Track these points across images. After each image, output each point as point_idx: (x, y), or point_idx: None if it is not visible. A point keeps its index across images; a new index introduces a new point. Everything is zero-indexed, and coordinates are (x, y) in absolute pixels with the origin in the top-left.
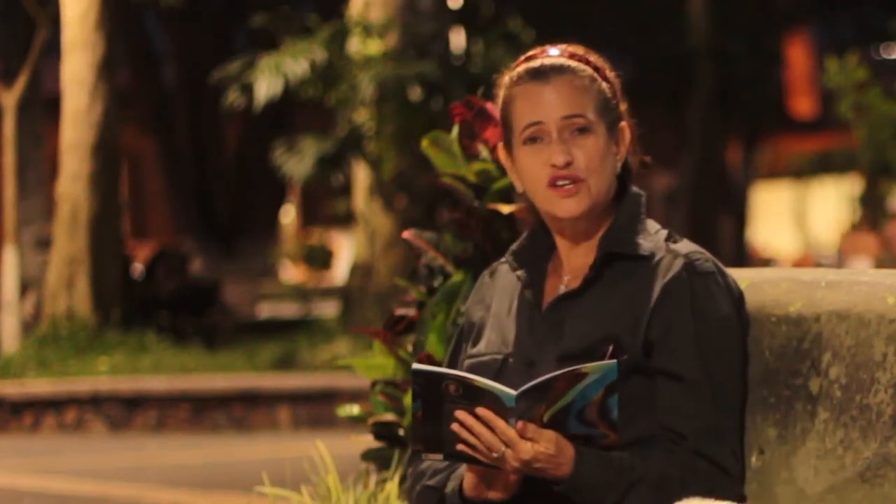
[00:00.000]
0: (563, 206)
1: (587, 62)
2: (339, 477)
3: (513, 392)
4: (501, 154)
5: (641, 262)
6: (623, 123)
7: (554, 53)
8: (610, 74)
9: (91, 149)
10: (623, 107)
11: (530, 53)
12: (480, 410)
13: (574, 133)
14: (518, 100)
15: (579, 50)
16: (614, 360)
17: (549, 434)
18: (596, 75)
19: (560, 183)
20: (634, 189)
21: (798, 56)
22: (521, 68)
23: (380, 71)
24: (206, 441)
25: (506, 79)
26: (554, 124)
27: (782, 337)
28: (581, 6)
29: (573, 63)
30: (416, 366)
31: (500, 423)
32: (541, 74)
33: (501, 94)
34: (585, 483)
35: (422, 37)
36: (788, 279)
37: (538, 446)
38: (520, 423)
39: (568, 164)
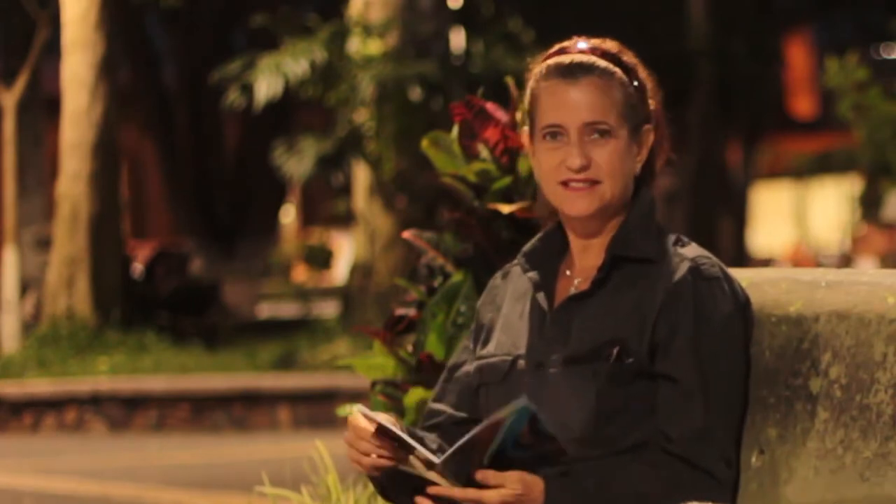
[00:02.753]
0: (574, 205)
1: (618, 62)
2: (339, 477)
3: (436, 459)
4: (525, 139)
5: (649, 266)
6: (647, 126)
7: (584, 48)
8: (642, 74)
9: (91, 149)
10: (653, 105)
11: (563, 45)
12: (431, 489)
13: (594, 136)
14: (543, 96)
15: (613, 47)
16: (523, 397)
17: (513, 475)
18: (625, 77)
19: (573, 184)
20: (647, 191)
21: (798, 56)
22: (552, 62)
23: (380, 71)
24: (206, 441)
25: (535, 70)
26: (575, 128)
27: (782, 337)
28: (581, 6)
29: (602, 63)
30: (381, 423)
31: (457, 491)
32: (568, 73)
33: (529, 85)
34: None
35: (422, 37)
36: (788, 279)
37: (504, 490)
38: (479, 474)
39: (584, 168)
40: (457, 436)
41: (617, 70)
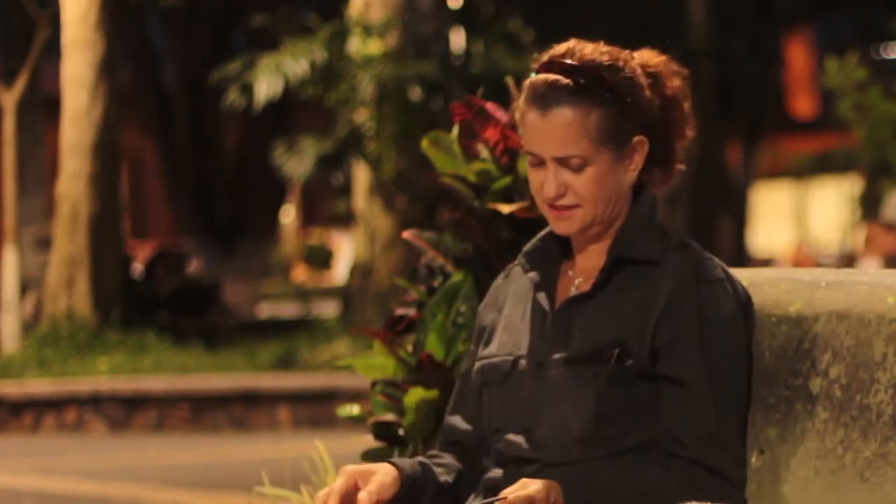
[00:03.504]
0: (557, 226)
1: (601, 81)
2: None
3: None
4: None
5: (650, 267)
6: (638, 138)
7: (566, 67)
8: (639, 80)
9: (91, 149)
10: (670, 90)
11: (553, 53)
12: None
13: (569, 167)
14: (525, 118)
15: (604, 58)
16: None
17: (524, 479)
18: (607, 97)
19: (554, 208)
20: (648, 192)
21: (798, 56)
22: (534, 82)
23: (380, 71)
24: (206, 441)
25: (526, 83)
26: (549, 159)
27: (782, 337)
28: (581, 6)
29: (577, 89)
30: None
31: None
32: (540, 102)
33: (521, 98)
34: None
35: (422, 37)
36: (788, 279)
37: (535, 485)
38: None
39: (559, 197)
40: (481, 456)
41: (597, 92)
